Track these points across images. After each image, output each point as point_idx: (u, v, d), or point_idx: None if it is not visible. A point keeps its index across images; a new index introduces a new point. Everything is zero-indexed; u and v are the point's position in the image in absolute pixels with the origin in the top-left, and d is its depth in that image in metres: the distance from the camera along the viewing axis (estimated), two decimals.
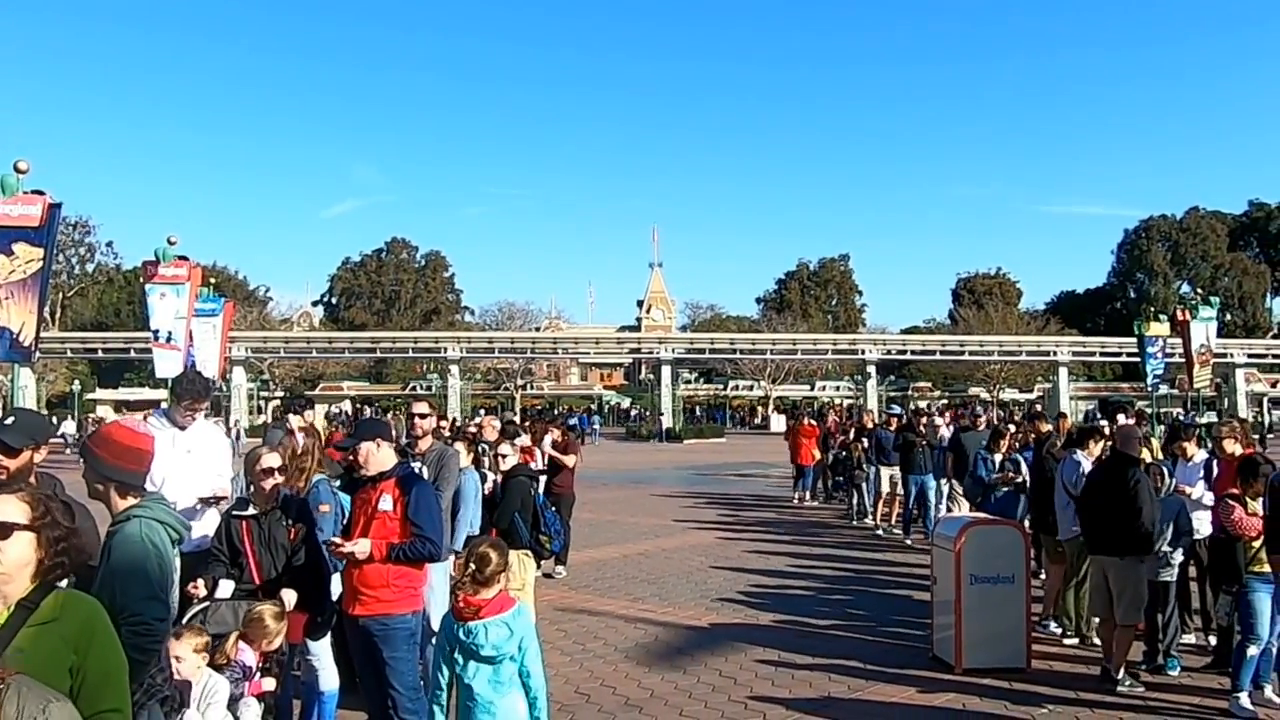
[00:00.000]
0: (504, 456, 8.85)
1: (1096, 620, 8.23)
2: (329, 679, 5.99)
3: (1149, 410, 26.49)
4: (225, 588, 5.29)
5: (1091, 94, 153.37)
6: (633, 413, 78.74)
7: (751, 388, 77.06)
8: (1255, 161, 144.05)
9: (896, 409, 19.88)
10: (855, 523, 17.47)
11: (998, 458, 11.97)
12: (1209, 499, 8.37)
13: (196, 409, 6.37)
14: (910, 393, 72.34)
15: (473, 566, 4.57)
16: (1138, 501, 7.37)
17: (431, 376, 73.45)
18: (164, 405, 6.59)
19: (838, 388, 76.29)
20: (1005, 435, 12.56)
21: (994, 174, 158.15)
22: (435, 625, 6.86)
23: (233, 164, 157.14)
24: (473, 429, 12.50)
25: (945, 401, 58.97)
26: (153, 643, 3.65)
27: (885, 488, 16.64)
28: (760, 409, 75.28)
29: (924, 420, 16.84)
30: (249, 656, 4.81)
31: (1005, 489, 11.55)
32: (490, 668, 4.46)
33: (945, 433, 16.90)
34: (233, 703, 4.62)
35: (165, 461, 5.86)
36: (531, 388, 78.57)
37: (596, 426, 57.67)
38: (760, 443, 47.56)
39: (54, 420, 43.23)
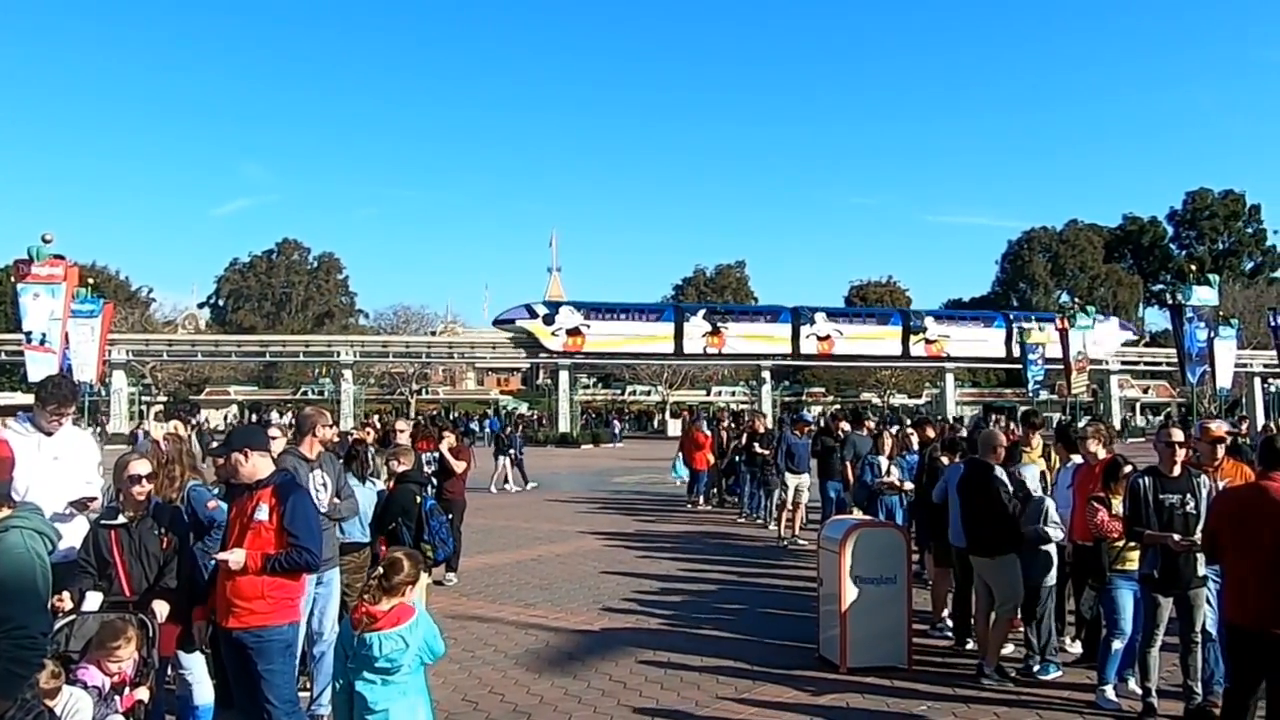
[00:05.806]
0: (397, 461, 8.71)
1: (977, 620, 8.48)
2: (203, 693, 5.82)
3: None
4: (93, 600, 5.10)
5: (976, 109, 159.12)
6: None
7: (649, 393, 77.36)
8: (1129, 176, 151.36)
9: (809, 416, 20.15)
10: (743, 519, 18.33)
11: (884, 461, 12.21)
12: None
13: (63, 414, 6.11)
14: (804, 397, 73.69)
15: (382, 570, 4.50)
16: (997, 503, 7.70)
17: (324, 381, 71.84)
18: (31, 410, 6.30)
19: (733, 393, 77.09)
20: (890, 439, 12.65)
21: (885, 184, 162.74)
22: (327, 627, 6.73)
23: (113, 159, 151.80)
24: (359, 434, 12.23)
25: (838, 407, 60.17)
26: (36, 656, 3.57)
27: (790, 496, 16.00)
28: (658, 414, 75.62)
29: (840, 425, 16.83)
30: (95, 676, 4.60)
31: (890, 494, 11.87)
32: (384, 677, 4.40)
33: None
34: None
35: (30, 468, 5.62)
36: (427, 392, 77.51)
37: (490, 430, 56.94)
38: (656, 447, 47.73)
39: None
